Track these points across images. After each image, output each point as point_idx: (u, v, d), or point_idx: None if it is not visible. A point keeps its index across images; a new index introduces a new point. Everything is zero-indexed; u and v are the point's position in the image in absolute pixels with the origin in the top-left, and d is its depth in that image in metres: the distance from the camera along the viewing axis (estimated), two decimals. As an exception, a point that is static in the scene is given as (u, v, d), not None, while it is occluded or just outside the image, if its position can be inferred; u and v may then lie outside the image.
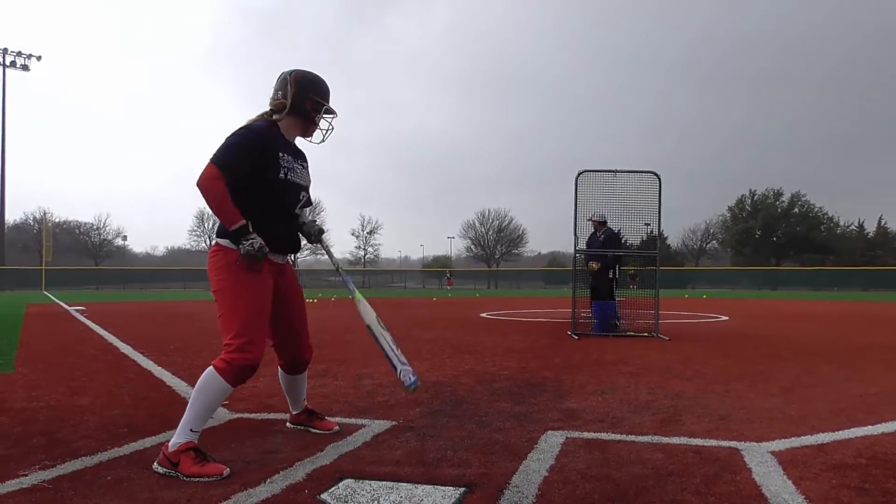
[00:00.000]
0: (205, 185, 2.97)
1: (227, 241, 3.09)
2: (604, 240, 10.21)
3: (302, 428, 3.64)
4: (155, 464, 2.87)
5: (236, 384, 3.01)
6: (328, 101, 3.37)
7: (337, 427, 3.63)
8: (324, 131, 3.43)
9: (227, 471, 2.80)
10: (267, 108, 3.36)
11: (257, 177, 3.11)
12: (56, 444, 3.30)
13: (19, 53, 51.21)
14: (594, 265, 10.18)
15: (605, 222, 10.26)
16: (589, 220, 10.24)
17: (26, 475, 2.76)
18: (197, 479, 2.73)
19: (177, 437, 2.89)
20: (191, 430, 2.92)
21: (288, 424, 3.71)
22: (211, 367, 2.99)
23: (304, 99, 3.28)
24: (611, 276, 10.10)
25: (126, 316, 14.98)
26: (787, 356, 7.13)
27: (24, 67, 51.67)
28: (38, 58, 52.28)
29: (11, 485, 2.64)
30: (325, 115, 3.39)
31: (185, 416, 2.95)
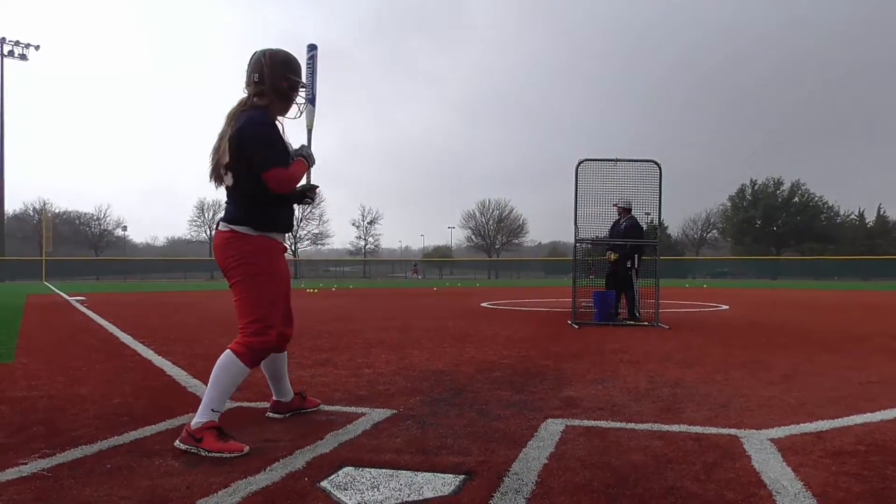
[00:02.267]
0: (287, 184, 3.22)
1: (246, 227, 3.21)
2: (625, 228, 10.20)
3: (291, 414, 3.69)
4: (177, 441, 2.98)
5: (253, 366, 3.20)
6: (300, 77, 3.44)
7: (320, 402, 3.92)
8: (300, 105, 3.49)
9: (246, 448, 2.93)
10: (244, 93, 3.35)
11: None
12: (56, 432, 3.30)
13: (17, 42, 51.02)
14: (612, 255, 10.17)
15: (630, 209, 10.23)
16: (614, 205, 10.25)
17: (26, 464, 2.76)
18: (218, 455, 2.84)
19: (199, 417, 3.01)
20: (212, 409, 3.05)
21: (271, 414, 3.69)
22: (229, 351, 3.13)
23: (280, 80, 3.33)
24: (629, 265, 10.10)
25: (126, 306, 14.98)
26: (787, 344, 7.13)
27: (23, 57, 51.51)
28: (37, 47, 52.12)
29: (11, 473, 2.64)
30: (299, 91, 3.48)
31: (205, 397, 3.07)
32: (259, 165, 3.13)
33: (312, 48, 3.59)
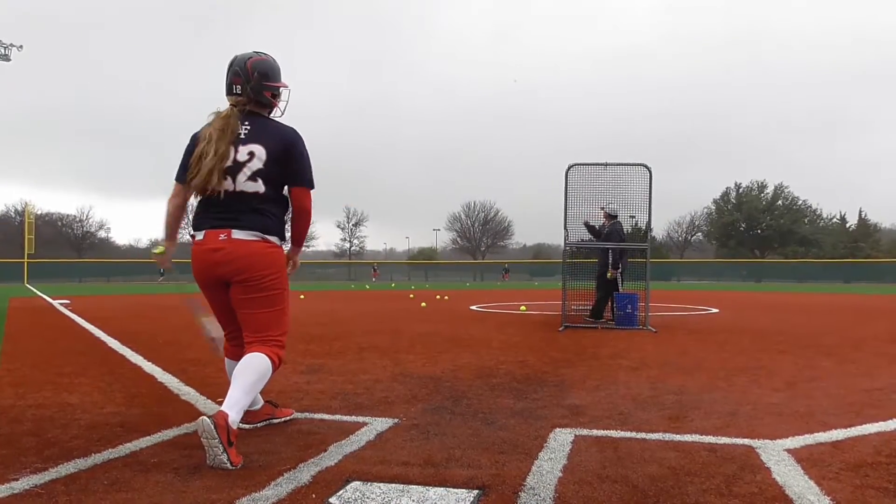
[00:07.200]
0: (309, 209, 3.34)
1: (276, 239, 3.26)
2: (606, 233, 10.19)
3: (263, 423, 3.57)
4: (212, 425, 2.70)
5: None
6: (280, 81, 3.42)
7: (293, 411, 3.79)
8: (281, 108, 3.47)
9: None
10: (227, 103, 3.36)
11: None
12: (47, 444, 3.17)
13: (-1, 42, 50.32)
14: (611, 273, 10.15)
15: (616, 216, 10.26)
16: (602, 208, 10.26)
17: (17, 479, 2.62)
18: (230, 468, 2.72)
19: (237, 416, 2.88)
20: (244, 412, 3.00)
21: (241, 425, 3.41)
22: (265, 357, 3.08)
23: (262, 90, 3.34)
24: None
25: (112, 309, 14.76)
26: (784, 349, 7.09)
27: (5, 57, 50.84)
28: (20, 47, 51.43)
29: (3, 490, 2.50)
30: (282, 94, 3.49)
31: (243, 398, 2.95)
32: (307, 181, 3.28)
33: None
